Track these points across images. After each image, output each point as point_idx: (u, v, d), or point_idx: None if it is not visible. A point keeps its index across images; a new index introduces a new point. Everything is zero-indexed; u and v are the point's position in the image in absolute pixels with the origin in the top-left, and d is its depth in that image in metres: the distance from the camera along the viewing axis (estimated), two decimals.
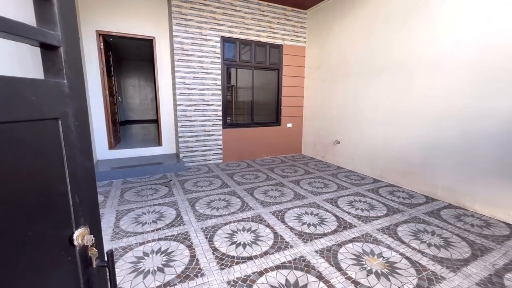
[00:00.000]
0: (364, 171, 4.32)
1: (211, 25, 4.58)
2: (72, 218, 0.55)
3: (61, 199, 0.53)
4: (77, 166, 0.55)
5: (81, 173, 0.57)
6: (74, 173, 0.55)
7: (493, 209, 2.74)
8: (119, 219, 2.66)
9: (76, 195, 0.55)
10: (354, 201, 3.16)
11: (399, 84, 3.63)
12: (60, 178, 0.52)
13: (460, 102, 2.95)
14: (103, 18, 4.27)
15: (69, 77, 0.53)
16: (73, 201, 0.55)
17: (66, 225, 0.54)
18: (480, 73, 2.76)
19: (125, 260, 2.00)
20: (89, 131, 0.58)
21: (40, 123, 0.47)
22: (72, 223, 0.55)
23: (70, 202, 0.54)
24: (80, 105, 0.56)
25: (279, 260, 2.01)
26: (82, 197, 0.57)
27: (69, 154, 0.53)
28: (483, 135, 2.77)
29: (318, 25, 5.15)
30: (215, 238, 2.32)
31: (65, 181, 0.53)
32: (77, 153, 0.55)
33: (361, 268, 1.92)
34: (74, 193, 0.55)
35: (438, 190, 3.24)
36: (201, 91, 4.71)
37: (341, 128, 4.76)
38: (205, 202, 3.11)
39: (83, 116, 0.57)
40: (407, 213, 2.85)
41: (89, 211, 0.59)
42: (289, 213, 2.84)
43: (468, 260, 2.02)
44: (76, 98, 0.55)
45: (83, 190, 0.57)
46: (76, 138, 0.55)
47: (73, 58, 0.54)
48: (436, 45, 3.15)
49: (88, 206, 0.59)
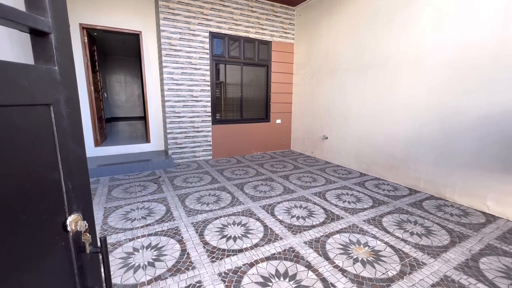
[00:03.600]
0: (351, 165, 4.44)
1: (199, 20, 4.53)
2: (65, 204, 0.56)
3: (54, 185, 0.53)
4: (69, 153, 0.56)
5: (73, 160, 0.57)
6: (66, 159, 0.55)
7: (470, 199, 2.90)
8: (107, 216, 2.62)
9: (69, 182, 0.56)
10: (342, 194, 3.25)
11: (385, 81, 3.75)
12: (53, 164, 0.53)
13: (440, 98, 3.08)
14: (87, 11, 4.14)
15: (60, 64, 0.53)
16: (66, 187, 0.55)
17: (59, 211, 0.55)
18: (459, 71, 2.89)
19: (114, 256, 1.98)
20: (80, 119, 0.59)
21: (32, 109, 0.48)
22: (65, 209, 0.56)
23: (63, 188, 0.55)
24: (71, 93, 0.56)
25: (269, 251, 2.05)
26: (74, 184, 0.57)
27: (61, 140, 0.54)
28: (461, 130, 2.91)
29: (306, 22, 5.20)
30: (205, 232, 2.34)
31: (57, 167, 0.53)
32: (69, 140, 0.56)
33: (348, 257, 1.99)
34: (66, 179, 0.55)
35: (420, 182, 3.38)
36: (189, 87, 4.67)
37: (329, 124, 4.85)
38: (195, 198, 3.11)
39: (75, 103, 0.57)
40: (391, 204, 2.96)
41: (81, 197, 0.60)
42: (279, 206, 2.89)
43: (447, 247, 2.13)
44: (68, 85, 0.55)
45: (75, 176, 0.58)
46: (68, 125, 0.55)
47: (64, 45, 0.54)
48: (419, 43, 3.26)
49: (81, 193, 0.59)
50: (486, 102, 2.69)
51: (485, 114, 2.71)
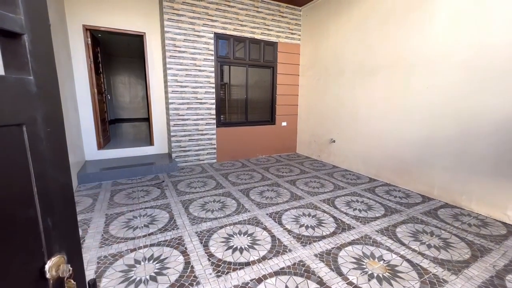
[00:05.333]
0: (360, 170, 4.30)
1: (204, 21, 4.44)
2: (44, 246, 0.45)
3: (28, 224, 0.43)
4: (49, 183, 0.45)
5: (55, 191, 0.46)
6: (45, 191, 0.44)
7: (489, 208, 2.74)
8: (109, 224, 2.53)
9: (49, 219, 0.45)
10: (351, 202, 3.11)
11: (396, 83, 3.60)
12: (27, 199, 0.42)
13: (456, 101, 2.93)
14: (90, 12, 4.07)
15: (36, 72, 0.42)
16: (44, 226, 0.44)
17: (36, 254, 0.44)
18: (476, 72, 2.74)
19: (115, 268, 1.88)
20: (64, 139, 0.48)
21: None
22: (44, 251, 0.45)
23: (41, 227, 0.44)
24: (52, 107, 0.45)
25: (277, 265, 1.94)
26: (56, 220, 0.47)
27: (38, 168, 0.43)
28: (479, 134, 2.76)
29: (313, 22, 5.08)
30: (210, 242, 2.23)
31: (33, 203, 0.43)
32: (49, 167, 0.45)
33: (362, 272, 1.86)
34: (45, 215, 0.45)
35: (434, 189, 3.23)
36: (194, 89, 4.58)
37: (337, 127, 4.71)
38: (199, 204, 3.00)
39: (57, 121, 0.46)
40: (404, 213, 2.82)
41: (66, 235, 0.49)
42: (286, 214, 2.77)
43: (469, 262, 1.99)
44: (47, 99, 0.44)
45: (57, 211, 0.47)
46: (48, 149, 0.45)
47: (41, 49, 0.43)
48: (434, 44, 3.12)
49: (65, 230, 0.49)
50: (506, 105, 2.53)
51: (505, 118, 2.55)
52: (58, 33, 3.41)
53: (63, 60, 3.54)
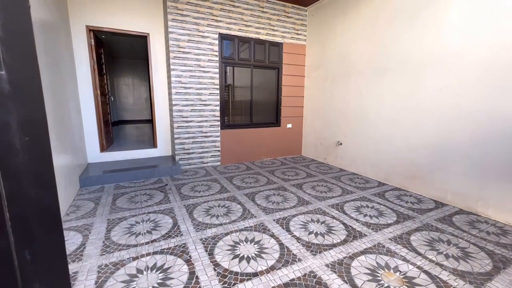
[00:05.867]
0: (368, 173, 4.17)
1: (208, 21, 4.36)
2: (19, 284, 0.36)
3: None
4: (26, 206, 0.36)
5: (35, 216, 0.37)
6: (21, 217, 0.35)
7: (508, 215, 2.60)
8: (111, 230, 2.44)
9: (26, 251, 0.36)
10: (361, 207, 2.99)
11: (405, 84, 3.48)
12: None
13: (471, 103, 2.81)
14: (94, 12, 4.02)
15: (10, 66, 0.33)
16: (19, 260, 0.35)
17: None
18: (492, 72, 2.62)
19: (116, 279, 1.79)
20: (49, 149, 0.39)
21: None
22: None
23: (15, 261, 0.35)
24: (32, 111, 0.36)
25: (287, 276, 1.83)
26: (36, 252, 0.37)
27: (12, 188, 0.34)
28: (497, 137, 2.63)
29: (319, 22, 4.98)
30: (216, 250, 2.12)
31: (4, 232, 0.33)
32: (26, 185, 0.36)
33: (378, 285, 1.75)
34: (20, 247, 0.35)
35: (447, 194, 3.09)
36: (198, 90, 4.50)
37: (344, 129, 4.60)
38: (203, 209, 2.90)
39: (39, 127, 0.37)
40: (418, 219, 2.69)
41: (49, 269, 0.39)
42: (294, 220, 2.66)
43: (491, 274, 1.86)
44: (25, 100, 0.35)
45: (38, 240, 0.38)
46: (26, 163, 0.35)
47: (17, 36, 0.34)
48: (447, 43, 3.00)
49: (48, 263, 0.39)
50: None
51: None
52: (61, 34, 3.35)
53: (66, 61, 3.49)
